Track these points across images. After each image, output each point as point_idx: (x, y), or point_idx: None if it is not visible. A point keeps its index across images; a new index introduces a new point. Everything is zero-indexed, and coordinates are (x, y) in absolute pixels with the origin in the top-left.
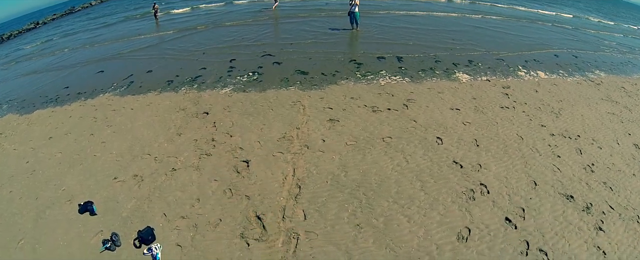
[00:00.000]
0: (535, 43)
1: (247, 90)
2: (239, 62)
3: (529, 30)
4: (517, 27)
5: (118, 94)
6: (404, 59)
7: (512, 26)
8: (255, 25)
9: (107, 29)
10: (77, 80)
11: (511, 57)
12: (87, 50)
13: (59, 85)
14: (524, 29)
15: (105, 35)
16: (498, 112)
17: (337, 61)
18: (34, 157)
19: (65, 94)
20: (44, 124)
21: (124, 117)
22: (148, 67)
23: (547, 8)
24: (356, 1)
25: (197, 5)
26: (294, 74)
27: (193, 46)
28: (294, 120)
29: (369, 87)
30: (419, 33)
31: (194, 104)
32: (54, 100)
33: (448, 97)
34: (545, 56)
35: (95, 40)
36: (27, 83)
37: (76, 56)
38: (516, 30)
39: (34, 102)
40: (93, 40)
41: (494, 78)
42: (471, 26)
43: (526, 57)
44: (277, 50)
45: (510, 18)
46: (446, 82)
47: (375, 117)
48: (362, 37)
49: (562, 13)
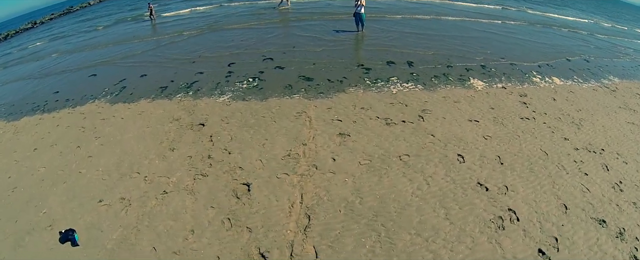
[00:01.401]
0: (549, 49)
1: (247, 98)
2: (238, 66)
3: (542, 35)
4: (530, 32)
5: (108, 101)
6: (415, 64)
7: (524, 31)
8: (255, 28)
9: (102, 31)
10: (67, 86)
11: (522, 62)
12: (80, 54)
13: (48, 90)
14: (537, 34)
15: (100, 38)
16: (519, 124)
17: (344, 66)
18: (17, 172)
19: (54, 99)
20: (30, 133)
21: (114, 128)
22: (142, 72)
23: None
24: (362, 1)
25: (195, 7)
26: (298, 80)
27: (190, 50)
28: (299, 134)
29: (380, 95)
30: (428, 37)
31: (188, 114)
32: (43, 106)
33: (465, 107)
34: (559, 61)
35: (89, 43)
36: (17, 88)
37: (69, 60)
38: (528, 35)
39: (22, 108)
40: (87, 43)
41: (509, 85)
42: (480, 30)
43: (539, 62)
44: (278, 54)
45: (522, 22)
46: (461, 90)
47: (389, 130)
48: (370, 40)
49: (578, 18)
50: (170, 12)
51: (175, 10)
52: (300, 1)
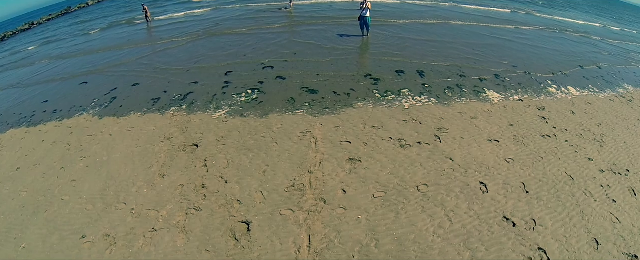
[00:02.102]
0: (561, 56)
1: (245, 114)
2: (236, 75)
3: (553, 41)
4: (541, 38)
5: (97, 114)
6: (426, 73)
7: (535, 36)
8: (254, 34)
9: (95, 35)
10: (57, 95)
11: (537, 70)
12: (72, 60)
13: (37, 100)
14: (548, 40)
15: (93, 43)
16: (540, 143)
17: (351, 76)
18: None
19: (42, 110)
20: (14, 149)
21: (100, 146)
22: (134, 81)
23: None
24: (368, 4)
25: (191, 10)
26: (301, 92)
27: (185, 57)
28: (304, 159)
29: (391, 111)
30: (438, 44)
31: (181, 132)
32: (30, 118)
33: (483, 124)
34: (572, 69)
35: (81, 48)
36: (5, 97)
37: (60, 67)
38: (540, 41)
39: (9, 119)
40: (79, 48)
41: (526, 97)
42: (491, 36)
43: (554, 71)
44: (279, 62)
45: (533, 27)
46: (477, 104)
47: (404, 154)
48: (376, 47)
49: (585, 21)
50: (165, 15)
51: (170, 13)
52: (305, 3)
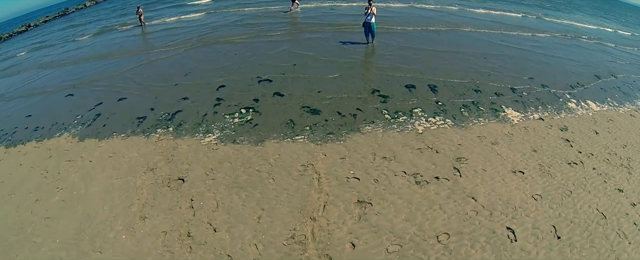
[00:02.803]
0: (577, 66)
1: (237, 139)
2: (229, 91)
3: (567, 50)
4: (554, 46)
5: (78, 134)
6: (439, 88)
7: (548, 44)
8: (249, 42)
9: (87, 41)
10: (41, 109)
11: (554, 83)
12: (60, 70)
13: (21, 113)
14: (562, 49)
15: (83, 50)
16: (567, 173)
17: (356, 92)
18: None
19: (24, 126)
20: None
21: (79, 175)
22: (120, 94)
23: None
24: (373, 9)
25: (184, 14)
26: (302, 113)
27: (175, 68)
28: (306, 201)
29: (403, 137)
30: (449, 54)
31: (167, 161)
32: (10, 135)
33: (504, 150)
34: (589, 80)
35: (71, 55)
36: None
37: (47, 77)
38: (553, 50)
39: None
40: (69, 55)
41: (546, 115)
42: (503, 45)
43: (571, 83)
44: (277, 75)
45: (544, 33)
46: (496, 125)
47: (421, 194)
48: (383, 57)
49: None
50: (158, 20)
51: (163, 17)
52: (305, 7)
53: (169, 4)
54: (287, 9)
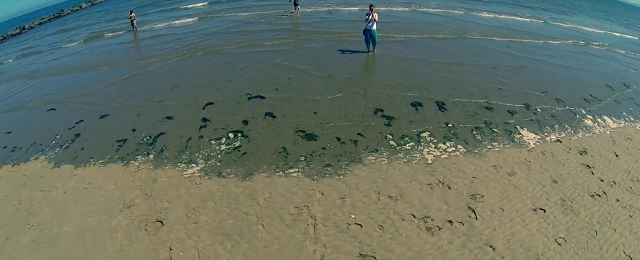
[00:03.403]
0: (589, 76)
1: (223, 172)
2: (216, 109)
3: (577, 58)
4: (564, 55)
5: (55, 158)
6: (447, 106)
7: (558, 52)
8: (241, 52)
9: (74, 48)
10: (21, 125)
11: (568, 96)
12: (45, 81)
13: (1, 130)
14: (572, 57)
15: (71, 58)
16: (591, 208)
17: (357, 112)
18: None
19: (2, 145)
20: None
21: (52, 210)
22: (103, 110)
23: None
24: (374, 15)
25: (176, 19)
26: (296, 138)
27: (162, 82)
28: (300, 255)
29: (411, 168)
30: (457, 66)
31: (145, 197)
32: None
33: (523, 182)
34: (603, 92)
35: (58, 64)
36: None
37: (31, 89)
38: (563, 59)
39: None
40: (56, 64)
41: (563, 135)
42: (512, 54)
43: (584, 96)
44: (269, 91)
45: (553, 40)
46: (512, 151)
47: (432, 243)
48: (386, 71)
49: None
50: (147, 26)
51: (153, 23)
52: (304, 11)
53: (161, 8)
54: (283, 14)
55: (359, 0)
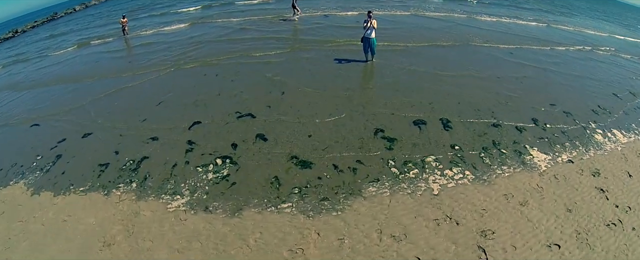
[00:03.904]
0: (596, 85)
1: (211, 206)
2: (204, 130)
3: (582, 65)
4: (569, 62)
5: (35, 183)
6: (452, 123)
7: (563, 59)
8: (232, 63)
9: (62, 56)
10: (3, 144)
11: (576, 109)
12: (29, 94)
13: None
14: (578, 65)
15: (57, 68)
16: (607, 240)
17: (356, 133)
18: None
19: None
20: None
21: (29, 244)
22: (86, 128)
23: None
24: (373, 23)
25: (167, 24)
26: (289, 166)
27: (148, 97)
28: None
29: (415, 201)
30: (461, 79)
31: (127, 234)
32: None
33: (535, 213)
34: (610, 102)
35: (45, 74)
36: None
37: (16, 102)
38: (569, 67)
39: None
40: (43, 73)
41: (575, 154)
42: (517, 63)
43: (593, 107)
44: (261, 108)
45: (556, 45)
46: (523, 176)
47: None
48: (386, 84)
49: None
50: (136, 32)
51: (143, 29)
52: (306, 16)
53: (153, 12)
54: (276, 19)
55: (355, 4)
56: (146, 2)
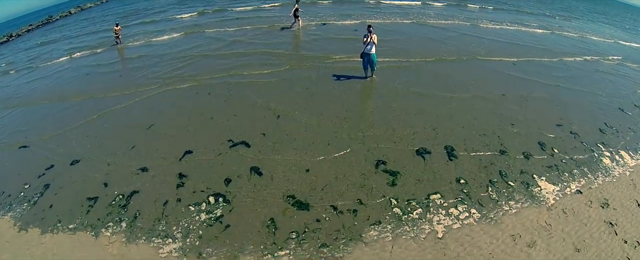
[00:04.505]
0: (603, 101)
1: (204, 252)
2: (195, 161)
3: (589, 79)
4: (575, 77)
5: (22, 217)
6: (457, 151)
7: (568, 73)
8: (225, 82)
9: (50, 68)
10: None
11: (583, 129)
12: (16, 113)
13: None
14: (584, 78)
15: (45, 83)
16: None
17: (356, 167)
18: None
19: None
20: None
21: None
22: (74, 154)
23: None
24: (373, 38)
25: (160, 37)
26: (286, 207)
27: (137, 120)
28: None
29: (419, 246)
30: (463, 100)
31: None
32: None
33: (543, 256)
34: (617, 118)
35: (33, 88)
36: None
37: (3, 121)
38: (575, 81)
39: None
40: (31, 88)
41: (583, 183)
42: (523, 78)
43: (600, 126)
44: (255, 136)
45: (563, 56)
46: (531, 212)
47: None
48: (387, 106)
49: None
50: (128, 42)
51: (134, 39)
52: (303, 25)
53: (147, 19)
54: (271, 29)
55: (353, 11)
56: (140, 7)
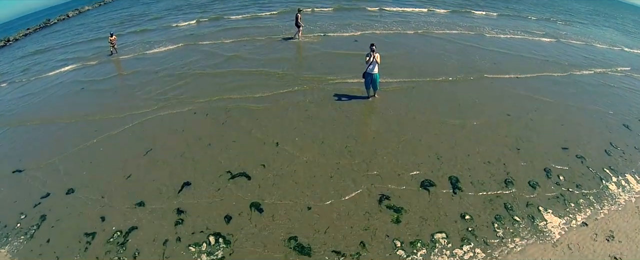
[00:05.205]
0: (610, 119)
1: None
2: (194, 195)
3: (597, 93)
4: (583, 93)
5: (20, 253)
6: (462, 183)
7: (577, 89)
8: (221, 107)
9: (42, 83)
10: None
11: (589, 151)
12: (7, 135)
13: None
14: (592, 94)
15: (36, 101)
16: None
17: (360, 205)
18: None
19: None
20: None
21: None
22: (69, 182)
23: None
24: (376, 57)
25: (156, 49)
26: (287, 251)
27: (132, 148)
28: None
29: None
30: (467, 129)
31: None
32: None
33: None
34: (623, 138)
35: (22, 109)
36: None
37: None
38: (582, 98)
39: None
40: (21, 106)
41: (588, 213)
42: (531, 97)
43: (605, 145)
44: (254, 165)
45: (569, 72)
46: (536, 249)
47: None
48: (390, 133)
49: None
50: (123, 55)
51: (127, 51)
52: (310, 39)
53: (142, 27)
54: (270, 41)
55: (353, 20)
56: (136, 12)
